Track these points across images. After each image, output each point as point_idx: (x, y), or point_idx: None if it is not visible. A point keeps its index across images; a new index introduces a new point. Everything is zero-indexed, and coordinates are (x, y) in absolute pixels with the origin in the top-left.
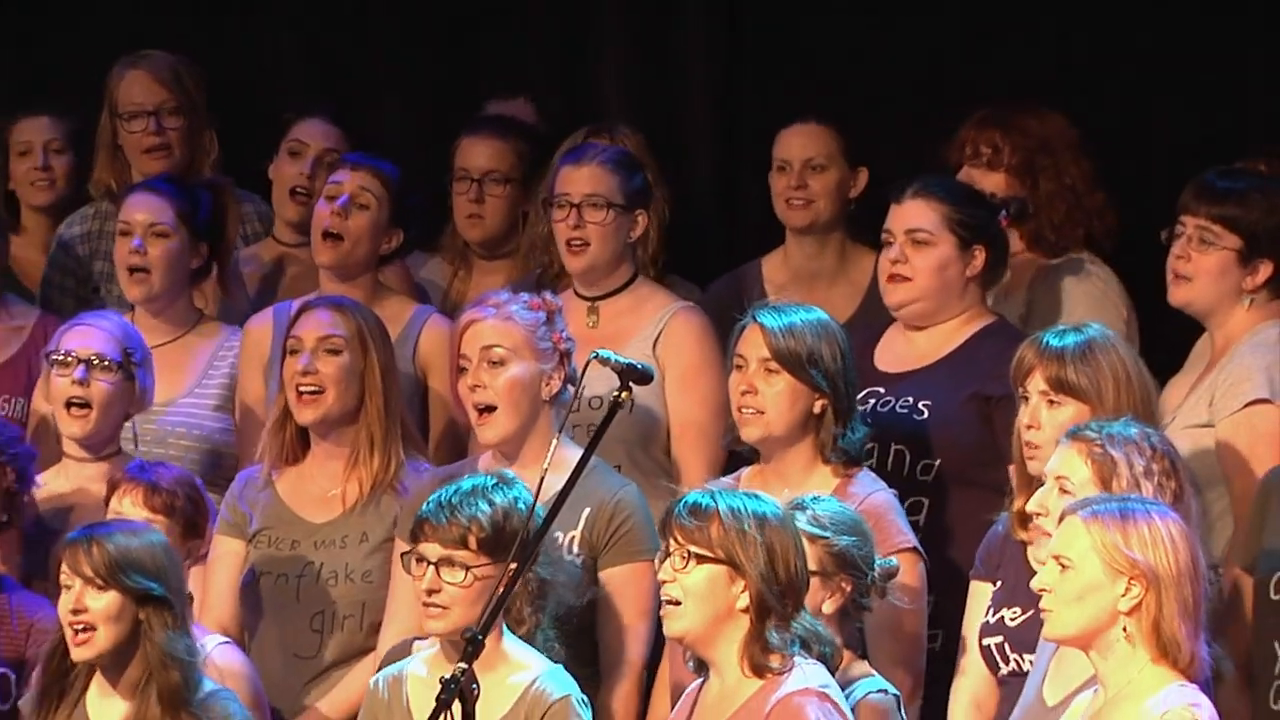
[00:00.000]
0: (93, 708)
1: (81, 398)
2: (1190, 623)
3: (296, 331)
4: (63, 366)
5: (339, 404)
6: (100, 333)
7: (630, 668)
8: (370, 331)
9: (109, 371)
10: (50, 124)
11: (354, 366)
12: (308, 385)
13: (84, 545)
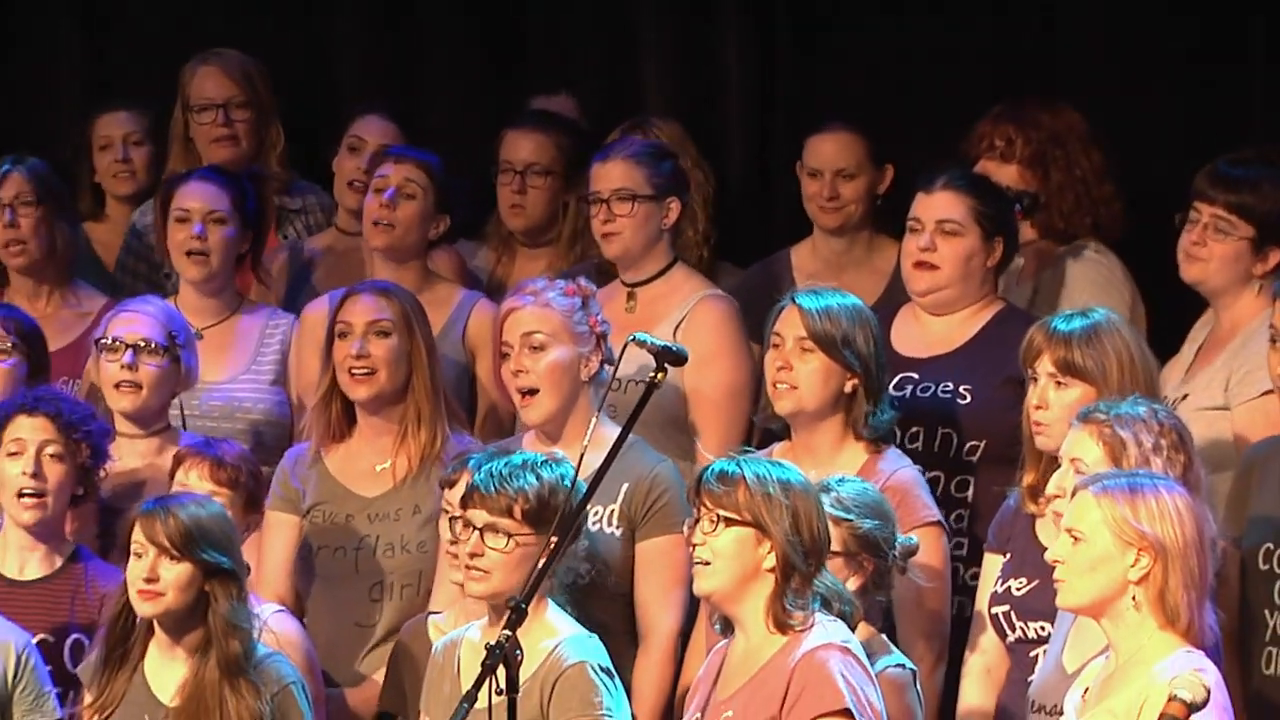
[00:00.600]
0: (151, 670)
1: (131, 380)
2: (1196, 592)
3: (345, 316)
4: (111, 352)
5: (390, 383)
6: (146, 319)
7: (666, 634)
8: (414, 313)
9: (155, 355)
10: (128, 119)
11: (402, 347)
12: (360, 367)
13: (160, 516)
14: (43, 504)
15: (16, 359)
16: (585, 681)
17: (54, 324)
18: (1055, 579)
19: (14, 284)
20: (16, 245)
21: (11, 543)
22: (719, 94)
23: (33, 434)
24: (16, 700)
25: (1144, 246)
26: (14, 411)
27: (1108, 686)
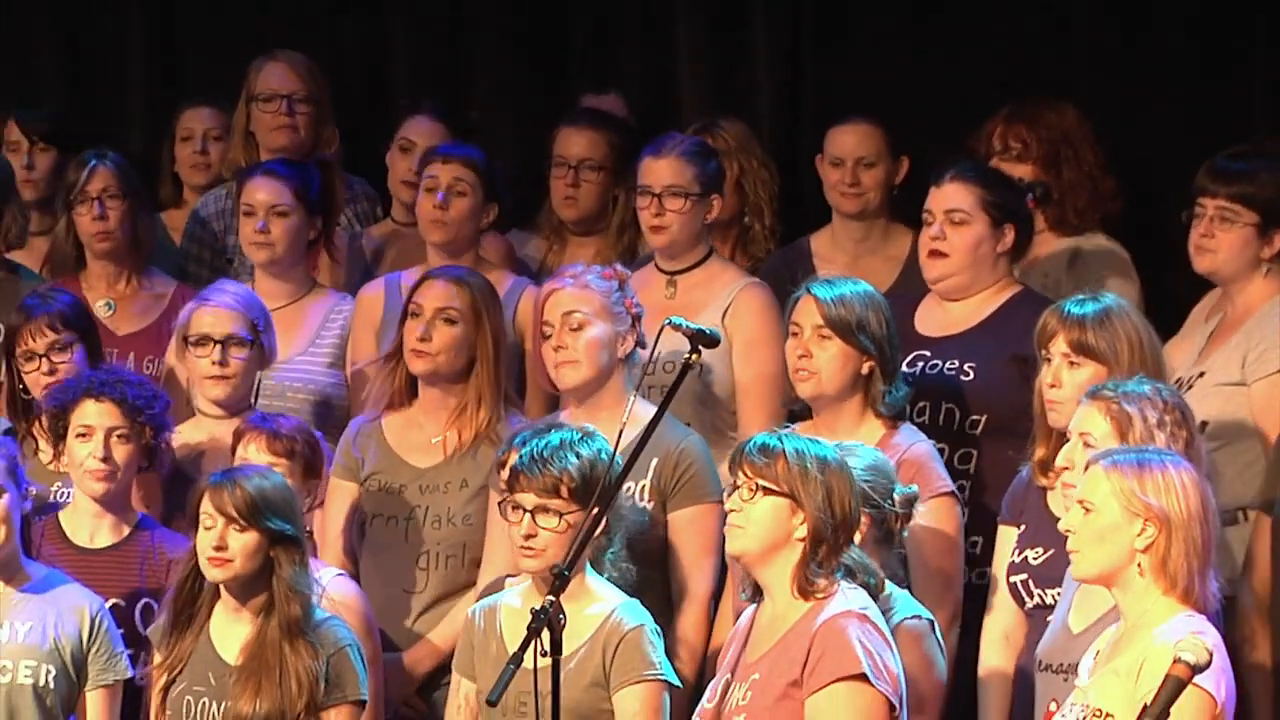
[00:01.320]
0: (216, 631)
1: (221, 375)
2: (1198, 560)
3: (418, 298)
4: (200, 347)
5: (448, 366)
6: (230, 313)
7: (698, 598)
8: (484, 302)
9: (242, 347)
10: (210, 114)
11: (466, 335)
12: (423, 349)
13: (228, 488)
14: (111, 477)
15: (79, 349)
16: (645, 643)
17: (131, 307)
18: (1069, 549)
19: (92, 268)
20: (103, 235)
21: (82, 513)
22: (748, 94)
23: (100, 419)
24: (91, 660)
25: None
26: (81, 395)
27: (1115, 649)
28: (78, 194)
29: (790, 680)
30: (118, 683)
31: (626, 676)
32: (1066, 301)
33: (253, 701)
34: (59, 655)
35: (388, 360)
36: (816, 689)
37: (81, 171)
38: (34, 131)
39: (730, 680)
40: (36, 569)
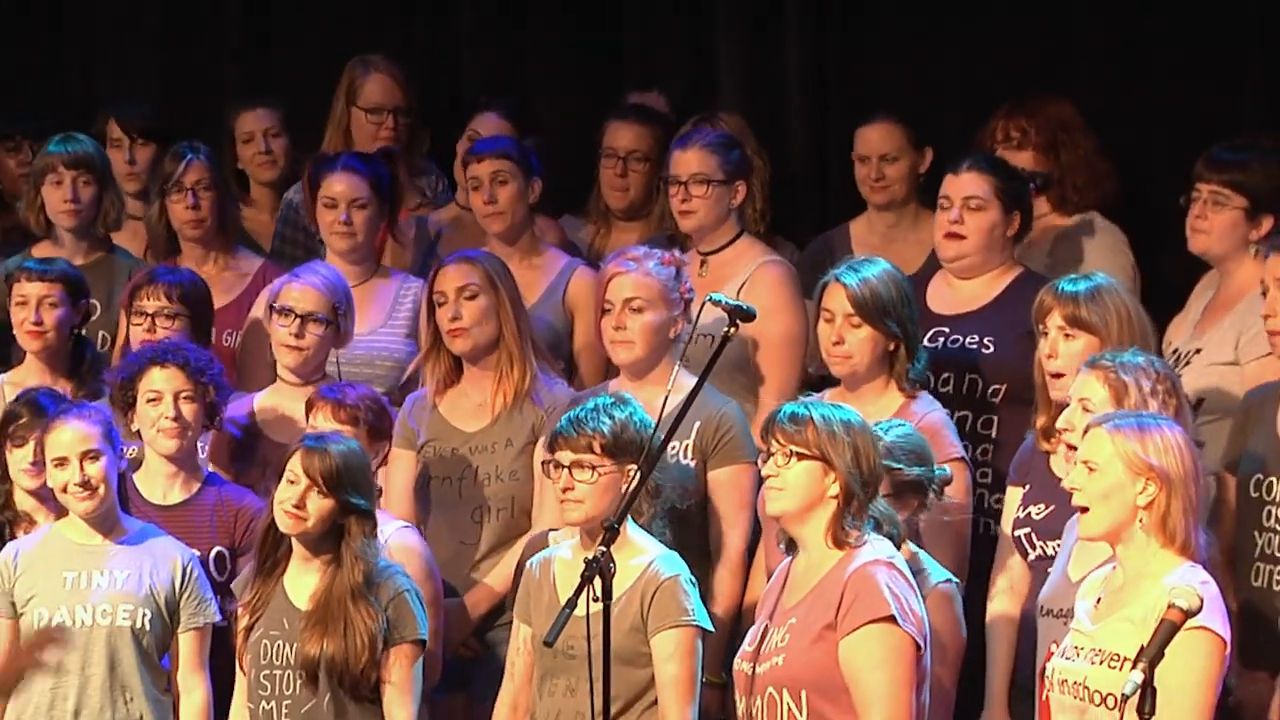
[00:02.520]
0: (290, 579)
1: (296, 345)
2: (1192, 515)
3: (439, 286)
4: (283, 317)
5: (482, 335)
6: (315, 292)
7: (734, 551)
8: (497, 274)
9: (319, 325)
10: (266, 114)
11: (489, 305)
12: (455, 327)
13: (319, 453)
14: (182, 434)
15: (183, 324)
16: (679, 592)
17: (219, 285)
18: (1076, 505)
19: (185, 251)
20: (196, 222)
21: (155, 473)
22: (783, 93)
23: (167, 384)
24: (183, 605)
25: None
26: (147, 364)
27: (1120, 597)
28: (173, 184)
29: (825, 624)
30: (207, 625)
31: (662, 622)
32: (1060, 280)
33: (319, 645)
34: (154, 600)
35: (430, 352)
36: (849, 631)
37: (177, 164)
38: (133, 129)
39: (769, 625)
40: (133, 523)
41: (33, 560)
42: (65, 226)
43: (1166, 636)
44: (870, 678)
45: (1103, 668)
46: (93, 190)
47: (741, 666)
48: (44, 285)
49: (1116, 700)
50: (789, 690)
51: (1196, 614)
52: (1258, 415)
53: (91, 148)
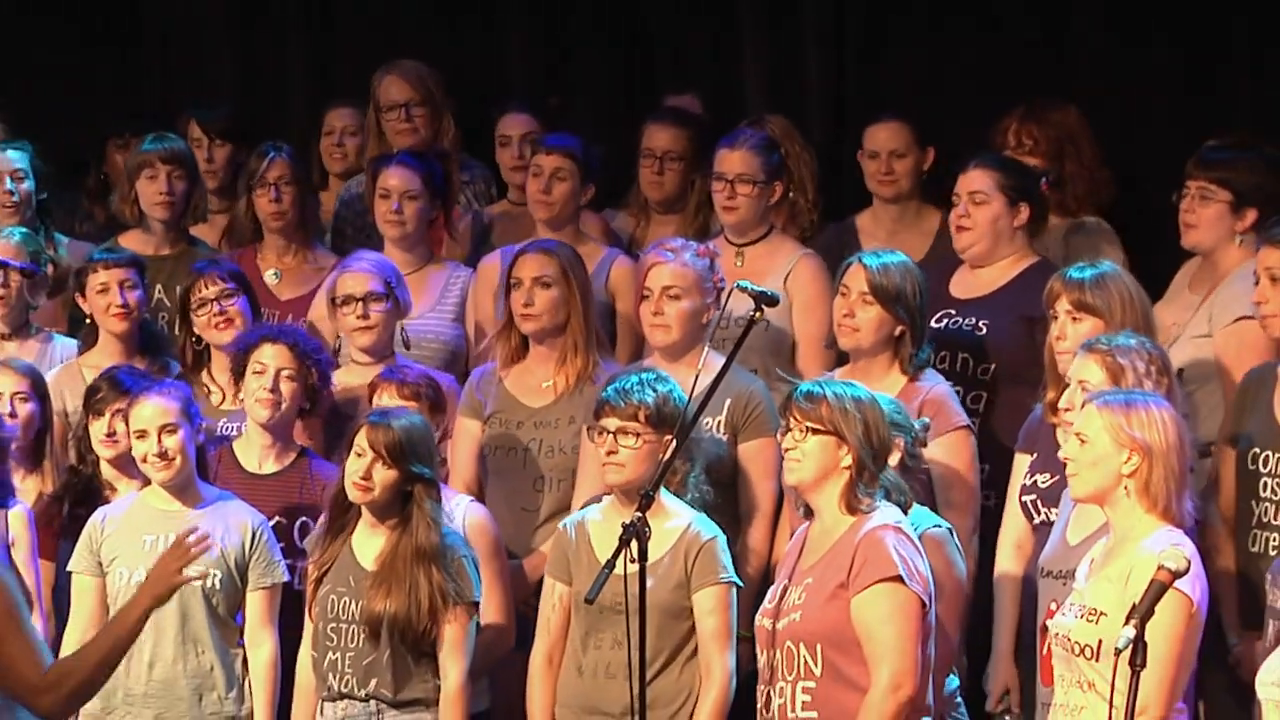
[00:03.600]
0: (358, 541)
1: (365, 325)
2: (1175, 484)
3: (517, 272)
4: (346, 305)
5: (550, 322)
6: (367, 274)
7: (762, 516)
8: (571, 267)
9: (380, 301)
10: (348, 113)
11: (560, 295)
12: (527, 311)
13: (382, 428)
14: (275, 406)
15: (243, 298)
16: (718, 552)
17: (297, 276)
18: (1067, 473)
19: (266, 241)
20: (278, 215)
21: (253, 444)
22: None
23: (274, 359)
24: (252, 567)
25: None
26: (261, 339)
27: (1107, 559)
28: (257, 180)
29: (838, 583)
30: (275, 585)
31: (704, 580)
32: (1069, 268)
33: (384, 602)
34: (225, 562)
35: (502, 330)
36: (860, 590)
37: (262, 162)
38: (212, 129)
39: (788, 584)
40: (209, 490)
41: (118, 524)
42: (158, 218)
43: (1156, 595)
44: (880, 632)
45: (1082, 621)
46: (184, 185)
47: (763, 622)
48: (120, 270)
49: (1093, 650)
50: (805, 644)
51: (1184, 575)
52: (1254, 394)
53: (183, 146)
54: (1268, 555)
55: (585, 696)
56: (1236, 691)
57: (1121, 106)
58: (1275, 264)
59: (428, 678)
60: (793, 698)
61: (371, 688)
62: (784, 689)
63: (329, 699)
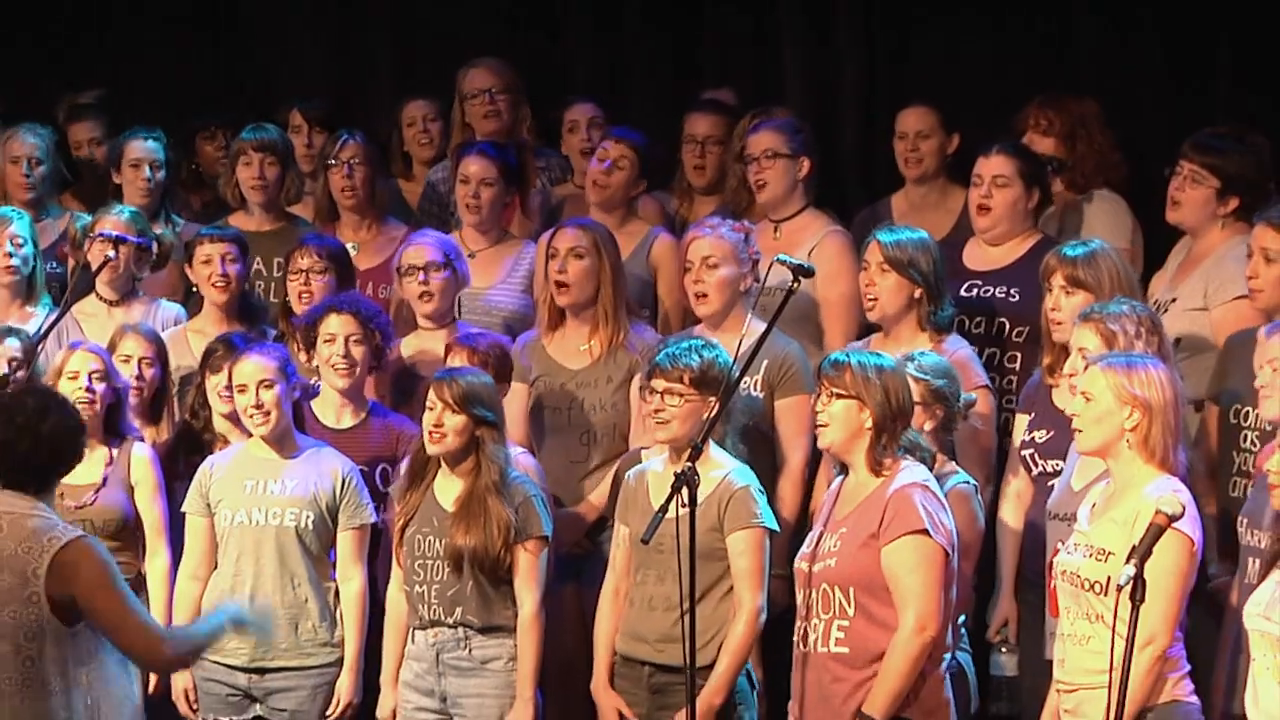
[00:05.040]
0: (438, 487)
1: (427, 291)
2: (1171, 437)
3: (554, 244)
4: (409, 275)
5: (582, 293)
6: (427, 246)
7: (795, 466)
8: (602, 241)
9: (440, 270)
10: (426, 105)
11: (592, 265)
12: (560, 280)
13: (447, 382)
14: (351, 372)
15: (331, 278)
16: (750, 499)
17: (371, 248)
18: (1074, 429)
19: (344, 218)
20: (350, 192)
21: (330, 402)
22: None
23: (342, 328)
24: (342, 509)
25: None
26: (326, 311)
27: (1110, 503)
28: (331, 160)
29: (870, 533)
30: (364, 526)
31: (736, 524)
32: (1063, 246)
33: (464, 538)
34: (317, 504)
35: (544, 298)
36: (889, 540)
37: (335, 144)
38: (311, 118)
39: (823, 532)
40: (305, 440)
41: (224, 471)
42: (254, 200)
43: (1154, 537)
44: (907, 579)
45: (1091, 560)
46: (276, 170)
47: (801, 565)
48: (223, 245)
49: (1102, 586)
50: (839, 587)
51: (1180, 519)
52: (1236, 356)
53: (276, 135)
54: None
55: (631, 624)
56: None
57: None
58: (1269, 243)
59: (507, 605)
60: (826, 634)
61: (458, 615)
62: (819, 625)
63: (420, 627)
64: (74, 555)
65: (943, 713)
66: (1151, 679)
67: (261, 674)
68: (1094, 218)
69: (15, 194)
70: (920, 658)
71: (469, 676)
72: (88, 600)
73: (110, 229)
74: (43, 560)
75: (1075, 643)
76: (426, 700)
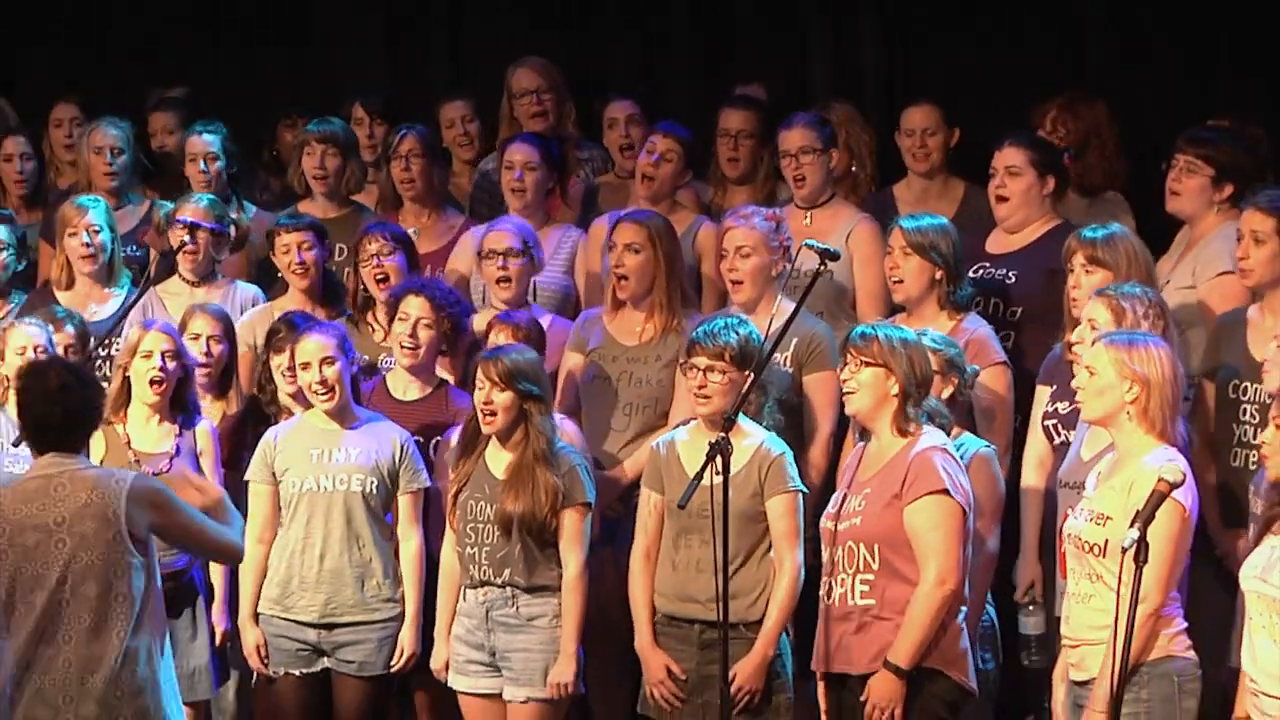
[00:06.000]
0: (489, 456)
1: (505, 276)
2: (1170, 410)
3: (615, 238)
4: (489, 259)
5: (639, 285)
6: (509, 234)
7: (822, 436)
8: (659, 234)
9: (518, 256)
10: (463, 105)
11: (647, 259)
12: (619, 272)
13: (494, 360)
14: (414, 352)
15: (401, 256)
16: (787, 465)
17: (431, 234)
18: (1077, 400)
19: (405, 207)
20: (409, 183)
21: (399, 377)
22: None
23: (415, 310)
24: (401, 474)
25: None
26: (406, 292)
27: (1112, 472)
28: (392, 153)
29: (893, 494)
30: (420, 490)
31: (775, 489)
32: (1084, 229)
33: (513, 504)
34: (379, 470)
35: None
36: (911, 500)
37: (395, 138)
38: (373, 111)
39: (847, 493)
40: (364, 413)
41: (288, 440)
42: (316, 189)
43: (1156, 503)
44: (928, 536)
45: (1092, 524)
46: (337, 161)
47: (826, 524)
48: (299, 234)
49: (1100, 548)
50: (864, 544)
51: (1180, 486)
52: (1229, 334)
53: (339, 127)
54: (1247, 469)
55: (679, 587)
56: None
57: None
58: (1258, 226)
59: (552, 566)
60: (852, 588)
61: (506, 576)
62: (844, 580)
63: (471, 586)
64: (141, 488)
65: (961, 662)
66: (1144, 635)
67: (330, 629)
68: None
69: (99, 182)
70: (941, 610)
71: (516, 632)
72: (166, 525)
73: (189, 216)
74: (119, 501)
75: (1078, 601)
76: (476, 654)
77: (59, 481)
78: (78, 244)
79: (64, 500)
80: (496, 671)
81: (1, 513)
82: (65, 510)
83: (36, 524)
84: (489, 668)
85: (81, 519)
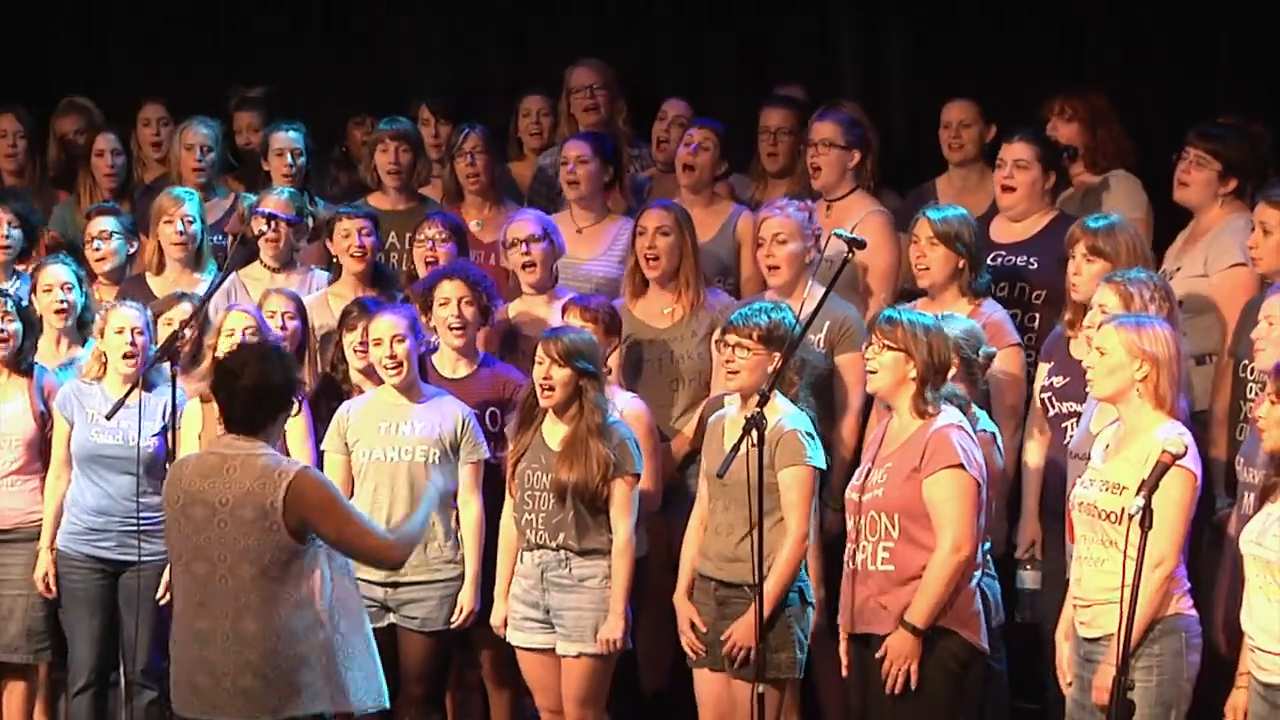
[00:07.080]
0: (545, 429)
1: (529, 261)
2: (1175, 387)
3: (642, 222)
4: (513, 246)
5: (669, 264)
6: (528, 222)
7: (852, 410)
8: (682, 220)
9: (539, 242)
10: (540, 100)
11: (675, 241)
12: (650, 254)
13: (554, 339)
14: (463, 331)
15: (453, 245)
16: (797, 441)
17: (492, 225)
18: (1089, 379)
19: (468, 200)
20: (473, 178)
21: (446, 356)
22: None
23: (454, 292)
24: (462, 446)
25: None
26: (440, 278)
27: (1122, 444)
28: (456, 151)
29: (913, 468)
30: (480, 461)
31: (785, 462)
32: (1086, 219)
33: (568, 473)
34: (442, 443)
35: (632, 269)
36: (930, 473)
37: (459, 136)
38: (438, 111)
39: (871, 467)
40: (428, 388)
41: (360, 414)
42: (390, 184)
43: (1161, 473)
44: (944, 507)
45: (1107, 493)
46: (409, 157)
47: (851, 495)
48: (359, 221)
49: (1117, 515)
50: (885, 513)
51: (1183, 457)
52: (1247, 319)
53: (409, 125)
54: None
55: (706, 547)
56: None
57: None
58: (1269, 219)
59: (603, 532)
60: (874, 554)
61: (560, 540)
62: (867, 547)
63: (527, 549)
64: (301, 485)
65: (974, 623)
66: (1159, 595)
67: (395, 587)
68: (1113, 194)
69: (188, 177)
70: (956, 574)
71: (569, 592)
72: (318, 522)
73: (269, 207)
74: (278, 493)
75: (1091, 564)
76: (532, 611)
77: (233, 463)
78: (172, 232)
79: (232, 483)
80: (551, 628)
81: (180, 481)
82: (231, 493)
83: (206, 500)
84: (544, 624)
85: (242, 505)
